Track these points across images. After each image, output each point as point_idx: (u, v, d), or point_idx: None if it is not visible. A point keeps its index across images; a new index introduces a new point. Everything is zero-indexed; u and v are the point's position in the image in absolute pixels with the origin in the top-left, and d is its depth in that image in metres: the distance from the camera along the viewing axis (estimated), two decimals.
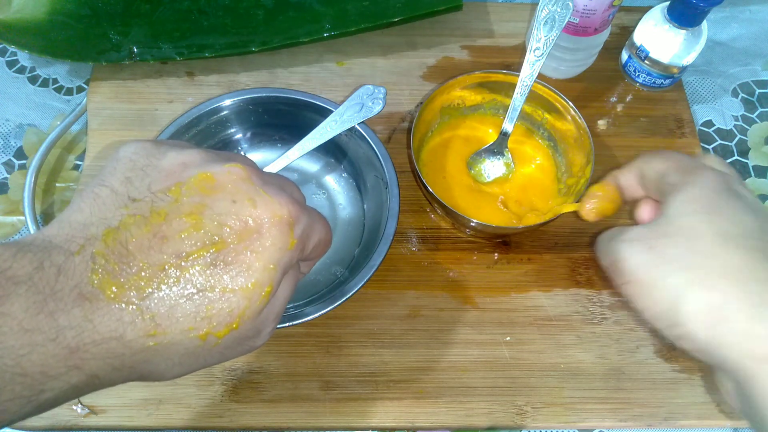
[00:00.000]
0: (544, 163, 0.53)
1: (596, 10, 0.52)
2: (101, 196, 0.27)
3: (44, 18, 0.54)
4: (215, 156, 0.29)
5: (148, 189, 0.27)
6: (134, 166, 0.28)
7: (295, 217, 0.28)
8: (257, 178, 0.28)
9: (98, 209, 0.26)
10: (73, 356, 0.24)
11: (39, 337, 0.23)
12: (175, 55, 0.54)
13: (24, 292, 0.23)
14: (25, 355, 0.22)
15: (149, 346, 0.25)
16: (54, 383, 0.23)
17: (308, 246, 0.30)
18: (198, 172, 0.27)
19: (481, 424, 0.44)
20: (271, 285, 0.27)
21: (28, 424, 0.42)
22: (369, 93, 0.49)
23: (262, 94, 0.50)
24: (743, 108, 0.62)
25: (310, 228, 0.30)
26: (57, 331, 0.23)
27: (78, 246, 0.25)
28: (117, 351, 0.25)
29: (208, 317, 0.26)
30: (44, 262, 0.24)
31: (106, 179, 0.28)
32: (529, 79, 0.49)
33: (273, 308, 0.29)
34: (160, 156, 0.28)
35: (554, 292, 0.49)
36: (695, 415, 0.45)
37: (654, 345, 0.47)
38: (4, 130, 0.57)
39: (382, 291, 0.48)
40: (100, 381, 0.25)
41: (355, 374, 0.45)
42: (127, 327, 0.25)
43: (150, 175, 0.27)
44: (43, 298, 0.23)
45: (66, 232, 0.25)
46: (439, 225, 0.51)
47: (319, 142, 0.46)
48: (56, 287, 0.24)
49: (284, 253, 0.28)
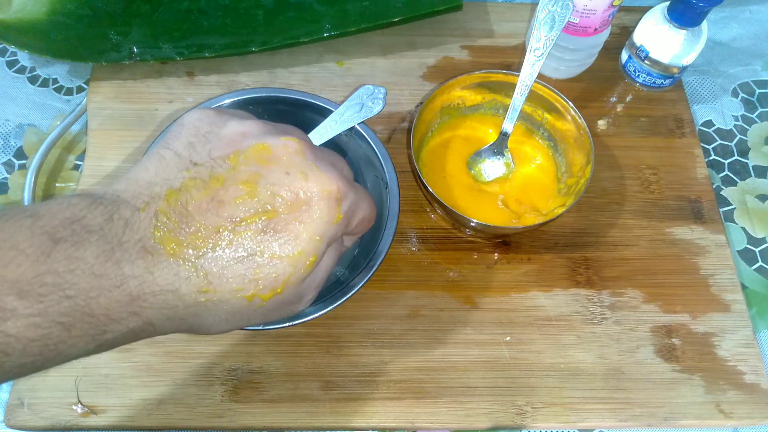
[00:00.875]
0: (544, 163, 0.53)
1: (596, 10, 0.52)
2: (166, 158, 0.29)
3: (44, 18, 0.54)
4: (273, 128, 0.31)
5: (208, 155, 0.29)
6: (197, 132, 0.29)
7: (344, 193, 0.30)
8: (310, 152, 0.30)
9: (162, 170, 0.28)
10: (134, 303, 0.26)
11: (106, 283, 0.25)
12: (175, 55, 0.54)
13: (96, 241, 0.25)
14: (93, 298, 0.24)
15: (201, 302, 0.27)
16: (115, 326, 0.26)
17: (353, 221, 0.32)
18: (256, 143, 0.29)
19: (481, 424, 0.44)
20: (316, 255, 0.29)
21: (29, 424, 0.42)
22: (369, 93, 0.49)
23: (262, 94, 0.50)
24: (743, 108, 0.62)
25: (356, 204, 0.31)
26: (122, 279, 0.25)
27: (143, 203, 0.27)
28: (172, 303, 0.27)
29: (255, 280, 0.28)
30: (114, 215, 0.26)
31: (171, 143, 0.29)
32: (529, 79, 0.49)
33: (316, 277, 0.31)
34: (221, 124, 0.30)
35: (554, 292, 0.49)
36: (695, 415, 0.45)
37: (654, 345, 0.47)
38: (4, 130, 0.57)
39: (382, 291, 0.48)
40: (155, 329, 0.27)
41: (355, 374, 0.45)
42: (182, 282, 0.26)
43: (211, 142, 0.29)
44: (112, 247, 0.25)
45: (133, 189, 0.27)
46: (439, 225, 0.51)
47: (319, 142, 0.46)
48: (123, 239, 0.26)
49: (330, 226, 0.29)
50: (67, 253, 0.24)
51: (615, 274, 0.50)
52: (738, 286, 0.50)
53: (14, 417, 0.42)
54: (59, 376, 0.44)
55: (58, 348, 0.24)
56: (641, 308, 0.48)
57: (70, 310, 0.24)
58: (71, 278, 0.24)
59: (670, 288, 0.49)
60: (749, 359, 0.47)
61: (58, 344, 0.24)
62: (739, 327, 0.48)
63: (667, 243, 0.51)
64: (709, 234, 0.52)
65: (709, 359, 0.47)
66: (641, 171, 0.55)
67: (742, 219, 0.56)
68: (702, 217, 0.53)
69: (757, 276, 0.53)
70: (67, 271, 0.24)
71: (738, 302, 0.49)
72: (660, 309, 0.49)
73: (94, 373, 0.44)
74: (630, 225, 0.52)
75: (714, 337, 0.48)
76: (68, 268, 0.24)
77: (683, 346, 0.47)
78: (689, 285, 0.50)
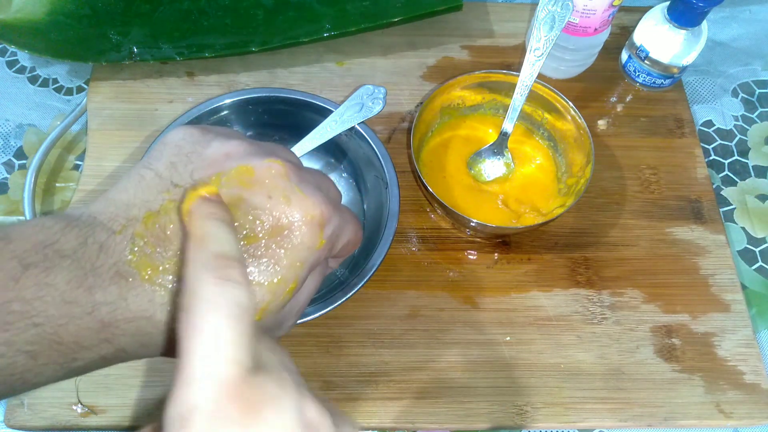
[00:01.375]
0: (544, 163, 0.53)
1: (596, 10, 0.52)
2: (146, 178, 0.28)
3: (44, 18, 0.54)
4: (258, 149, 0.29)
5: (190, 176, 0.28)
6: (180, 152, 0.28)
7: (327, 218, 0.29)
8: (295, 175, 0.29)
9: (142, 191, 0.27)
10: (105, 330, 0.25)
11: (77, 310, 0.24)
12: (175, 55, 0.54)
13: (68, 266, 0.24)
14: (62, 325, 0.23)
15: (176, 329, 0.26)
16: (86, 353, 0.25)
17: (337, 245, 0.31)
18: (239, 165, 0.28)
19: (481, 424, 0.44)
20: (296, 282, 0.28)
21: (29, 424, 0.42)
22: (369, 93, 0.49)
23: (262, 94, 0.50)
24: (743, 108, 0.62)
25: (340, 229, 0.30)
26: (93, 305, 0.24)
27: (120, 225, 0.26)
28: (146, 330, 0.26)
29: None
30: (88, 238, 0.25)
31: (152, 163, 0.28)
32: (529, 79, 0.49)
33: (296, 303, 0.30)
34: (205, 144, 0.29)
35: (554, 292, 0.49)
36: (695, 415, 0.45)
37: (654, 345, 0.47)
38: (4, 130, 0.57)
39: (382, 291, 0.48)
40: (127, 355, 0.26)
41: (355, 374, 0.45)
42: (157, 308, 0.25)
43: (194, 162, 0.28)
44: (84, 273, 0.24)
45: (111, 211, 0.26)
46: (439, 225, 0.51)
47: (319, 142, 0.46)
48: (97, 263, 0.25)
49: (312, 252, 0.28)
50: (37, 279, 0.23)
51: (615, 274, 0.50)
52: (738, 286, 0.50)
53: (14, 417, 0.42)
54: None
55: (24, 377, 0.23)
56: (641, 308, 0.48)
57: (38, 339, 0.23)
58: (39, 305, 0.23)
59: (670, 288, 0.49)
60: (749, 359, 0.47)
61: (23, 373, 0.23)
62: (739, 327, 0.48)
63: (667, 243, 0.51)
64: (709, 234, 0.52)
65: (709, 359, 0.47)
66: (641, 171, 0.55)
67: (742, 219, 0.56)
68: (702, 217, 0.53)
69: (757, 276, 0.53)
70: (35, 298, 0.23)
71: (738, 302, 0.49)
72: (660, 309, 0.49)
73: (94, 373, 0.43)
74: (630, 225, 0.52)
75: (714, 337, 0.48)
76: (37, 295, 0.23)
77: (683, 346, 0.47)
78: (689, 285, 0.50)
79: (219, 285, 0.22)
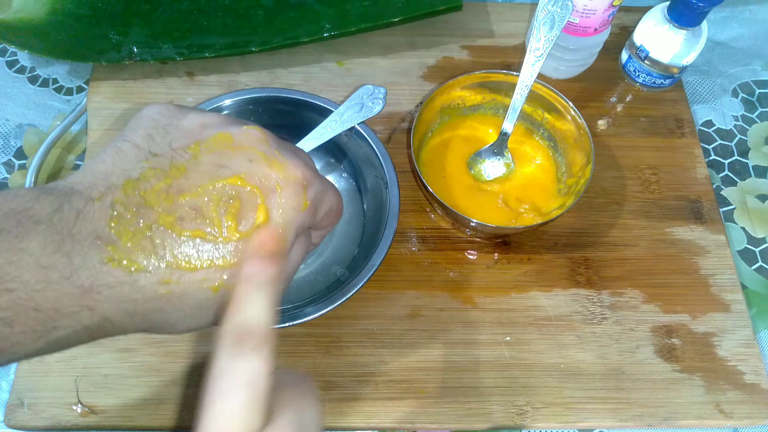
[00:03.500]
0: (544, 163, 0.53)
1: (596, 10, 0.52)
2: (123, 149, 0.28)
3: (44, 18, 0.54)
4: (234, 120, 0.30)
5: (168, 146, 0.28)
6: (156, 125, 0.29)
7: (309, 180, 0.29)
8: (273, 141, 0.29)
9: (120, 161, 0.27)
10: (87, 296, 0.24)
11: (54, 275, 0.23)
12: (175, 55, 0.54)
13: (43, 231, 0.24)
14: (39, 291, 0.23)
15: (162, 294, 0.26)
16: (66, 321, 0.24)
17: (320, 211, 0.31)
18: (217, 132, 0.28)
19: (481, 424, 0.44)
20: (285, 242, 0.28)
21: (29, 424, 0.42)
22: (369, 93, 0.49)
23: (262, 94, 0.50)
24: (743, 108, 0.62)
25: (322, 193, 0.30)
26: (72, 270, 0.24)
27: (99, 193, 0.26)
28: (130, 296, 0.25)
29: (221, 269, 0.27)
30: (64, 205, 0.25)
31: (129, 135, 0.28)
32: (529, 79, 0.49)
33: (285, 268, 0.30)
34: (181, 116, 0.29)
35: (554, 292, 0.49)
36: (695, 415, 0.45)
37: (654, 345, 0.47)
38: (4, 130, 0.57)
39: (382, 291, 0.48)
40: (113, 326, 0.26)
41: (355, 374, 0.45)
42: (141, 273, 0.25)
43: (171, 133, 0.28)
44: (61, 238, 0.24)
45: (88, 180, 0.26)
46: (439, 225, 0.51)
47: (319, 142, 0.46)
48: (74, 230, 0.24)
49: (298, 213, 0.28)
50: (10, 244, 0.23)
51: (615, 274, 0.50)
52: (738, 286, 0.50)
53: (14, 417, 0.42)
54: (59, 376, 0.44)
55: (0, 345, 0.23)
56: (641, 308, 0.48)
57: (12, 304, 0.23)
58: (13, 270, 0.23)
59: (670, 288, 0.50)
60: (749, 359, 0.47)
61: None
62: (739, 327, 0.48)
63: (667, 243, 0.51)
64: (709, 234, 0.52)
65: (709, 359, 0.47)
66: (641, 171, 0.55)
67: (742, 219, 0.56)
68: (702, 217, 0.53)
69: (757, 276, 0.53)
70: (7, 263, 0.23)
71: (738, 302, 0.49)
72: (660, 309, 0.49)
73: (94, 373, 0.44)
74: (630, 225, 0.52)
75: (714, 337, 0.48)
76: (9, 260, 0.23)
77: (683, 346, 0.47)
78: (689, 285, 0.50)
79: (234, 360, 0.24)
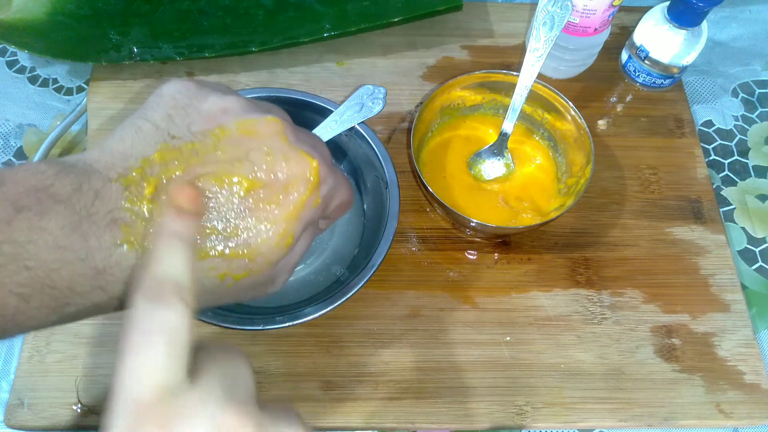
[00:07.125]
0: (544, 163, 0.53)
1: (596, 10, 0.52)
2: (143, 129, 0.28)
3: (44, 18, 0.54)
4: (254, 105, 0.30)
5: (188, 129, 0.28)
6: (176, 105, 0.29)
7: (323, 177, 0.30)
8: (292, 134, 0.29)
9: (139, 142, 0.27)
10: (99, 277, 0.25)
11: (70, 255, 0.24)
12: (175, 55, 0.54)
13: (62, 211, 0.24)
14: (55, 270, 0.24)
15: None
16: (78, 299, 0.25)
17: (331, 205, 0.32)
18: (237, 120, 0.28)
19: (481, 424, 0.44)
20: (293, 237, 0.29)
21: (29, 424, 0.42)
22: (369, 93, 0.49)
23: (262, 94, 0.50)
24: (743, 108, 0.62)
25: (334, 189, 0.31)
26: (87, 251, 0.24)
27: (116, 174, 0.26)
28: None
29: (228, 259, 0.27)
30: (83, 185, 0.25)
31: (149, 113, 0.29)
32: (529, 79, 0.49)
33: (290, 259, 0.31)
34: (202, 98, 0.29)
35: (554, 292, 0.49)
36: (695, 415, 0.45)
37: (654, 345, 0.47)
38: (4, 130, 0.57)
39: (382, 291, 0.48)
40: (121, 305, 0.26)
41: (355, 374, 0.45)
42: None
43: (191, 116, 0.28)
44: (79, 218, 0.24)
45: (107, 159, 0.27)
46: (439, 225, 0.51)
47: None
48: (92, 210, 0.25)
49: (308, 210, 0.29)
50: (30, 222, 0.23)
51: (615, 274, 0.50)
52: (738, 286, 0.50)
53: (14, 417, 0.42)
54: (59, 376, 0.44)
55: (16, 319, 0.24)
56: (641, 308, 0.48)
57: (30, 281, 0.23)
58: (32, 249, 0.23)
59: (670, 288, 0.50)
60: (749, 359, 0.47)
61: (15, 315, 0.24)
62: (739, 327, 0.48)
63: (667, 243, 0.51)
64: (709, 234, 0.52)
65: (709, 359, 0.47)
66: (641, 171, 0.55)
67: (742, 219, 0.56)
68: (702, 217, 0.53)
69: (757, 276, 0.53)
70: (28, 241, 0.23)
71: (738, 302, 0.49)
72: (660, 309, 0.49)
73: (94, 373, 0.44)
74: (630, 225, 0.52)
75: (714, 337, 0.48)
76: (30, 238, 0.23)
77: (683, 346, 0.47)
78: (689, 285, 0.50)
79: (151, 309, 0.23)
